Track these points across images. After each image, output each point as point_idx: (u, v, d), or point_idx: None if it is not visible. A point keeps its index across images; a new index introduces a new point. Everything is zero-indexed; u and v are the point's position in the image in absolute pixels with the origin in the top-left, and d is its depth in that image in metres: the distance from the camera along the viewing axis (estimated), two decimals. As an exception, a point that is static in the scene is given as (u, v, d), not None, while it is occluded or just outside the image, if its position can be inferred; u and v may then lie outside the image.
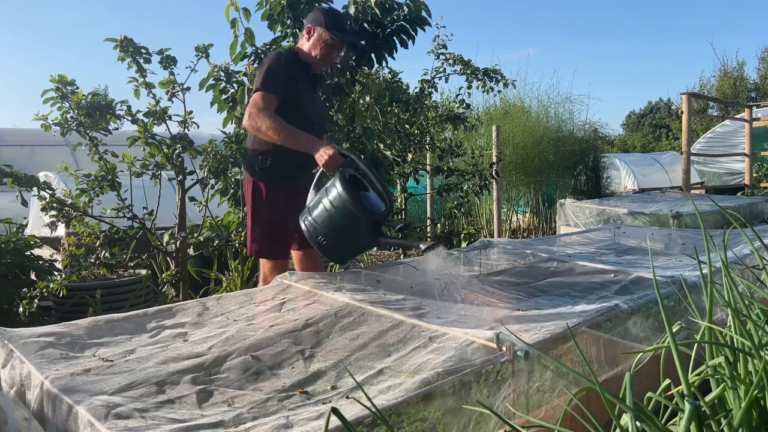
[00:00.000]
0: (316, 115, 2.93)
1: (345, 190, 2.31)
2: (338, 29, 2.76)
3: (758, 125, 10.71)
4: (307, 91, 2.87)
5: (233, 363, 1.70)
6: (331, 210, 2.34)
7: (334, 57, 2.86)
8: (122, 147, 3.96)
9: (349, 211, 2.30)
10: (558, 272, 3.06)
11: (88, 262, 4.05)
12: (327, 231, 2.37)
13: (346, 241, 2.42)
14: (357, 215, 2.30)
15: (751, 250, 2.34)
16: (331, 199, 2.34)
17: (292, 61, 2.79)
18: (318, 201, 2.40)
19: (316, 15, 2.83)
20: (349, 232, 2.36)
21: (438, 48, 5.93)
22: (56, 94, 3.79)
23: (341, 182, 2.33)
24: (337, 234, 2.37)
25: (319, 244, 2.42)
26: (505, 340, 1.70)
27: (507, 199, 9.04)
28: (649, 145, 24.56)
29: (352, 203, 2.29)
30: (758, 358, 1.13)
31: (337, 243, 2.41)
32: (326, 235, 2.38)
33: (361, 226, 2.34)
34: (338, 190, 2.33)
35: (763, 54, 21.74)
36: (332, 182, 2.38)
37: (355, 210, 2.30)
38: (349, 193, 2.31)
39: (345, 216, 2.31)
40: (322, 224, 2.37)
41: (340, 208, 2.32)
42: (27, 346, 1.71)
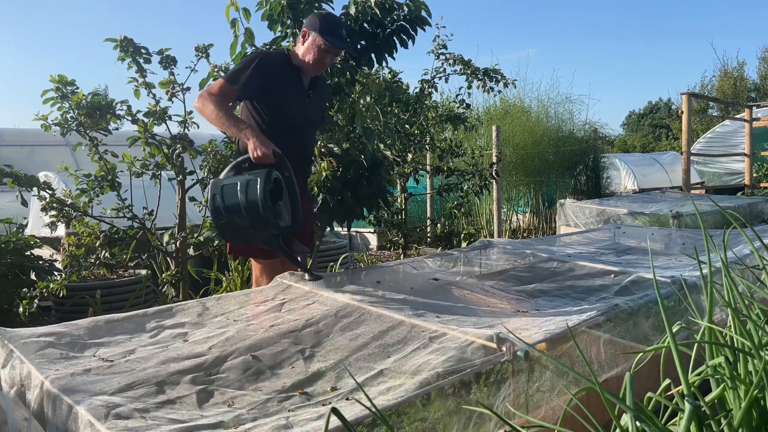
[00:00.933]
0: (305, 118, 2.92)
1: (264, 194, 2.31)
2: (332, 35, 2.76)
3: (758, 125, 10.71)
4: (296, 93, 2.85)
5: (233, 363, 1.70)
6: (243, 203, 2.34)
7: (327, 62, 2.86)
8: (122, 147, 3.96)
9: (257, 215, 2.32)
10: (558, 272, 3.06)
11: (88, 262, 4.05)
12: (230, 217, 2.39)
13: (241, 231, 2.44)
14: (263, 222, 2.33)
15: (751, 250, 2.34)
16: (249, 198, 2.33)
17: (279, 63, 2.80)
18: (234, 185, 2.39)
19: (312, 19, 2.84)
20: (248, 226, 2.38)
21: (438, 48, 5.93)
22: (56, 94, 3.78)
23: (265, 184, 2.33)
24: (237, 222, 2.39)
25: (218, 224, 2.44)
26: (505, 340, 1.70)
27: (507, 199, 9.04)
28: (649, 145, 24.56)
29: (264, 209, 2.31)
30: (758, 358, 1.13)
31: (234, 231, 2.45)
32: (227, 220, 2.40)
33: (261, 229, 2.38)
34: (259, 187, 2.33)
35: (763, 54, 21.76)
36: (258, 176, 2.37)
37: (264, 218, 2.32)
38: (266, 199, 2.31)
39: (251, 214, 2.33)
40: (228, 209, 2.37)
41: (252, 206, 2.32)
42: (27, 346, 1.71)
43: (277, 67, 2.79)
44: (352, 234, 8.17)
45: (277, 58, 2.83)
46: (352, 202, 3.27)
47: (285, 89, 2.80)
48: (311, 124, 3.05)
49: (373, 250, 8.07)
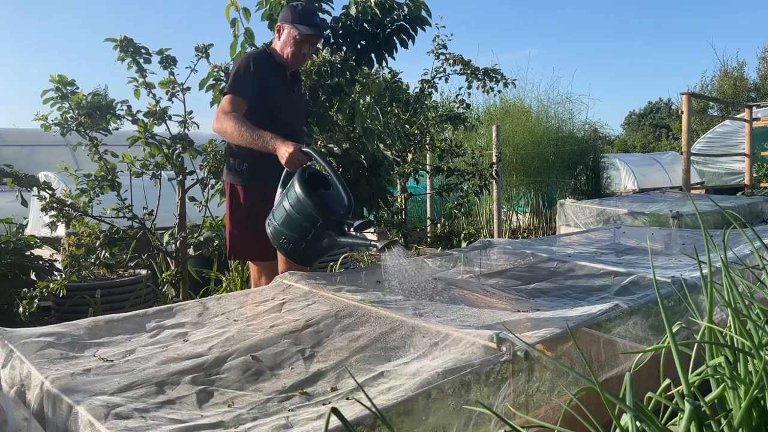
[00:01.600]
0: (293, 116, 2.90)
1: (302, 190, 2.28)
2: (305, 24, 2.71)
3: (758, 125, 10.71)
4: (283, 91, 2.83)
5: (233, 363, 1.70)
6: (291, 211, 2.30)
7: (306, 53, 2.82)
8: (122, 147, 3.96)
9: (307, 212, 2.27)
10: (558, 272, 3.06)
11: (88, 262, 4.05)
12: (288, 233, 2.33)
13: (307, 242, 2.36)
14: (315, 217, 2.26)
15: (751, 250, 2.34)
16: (291, 202, 2.30)
17: (265, 62, 2.77)
18: (279, 202, 2.38)
19: (284, 13, 2.80)
20: (310, 233, 2.31)
21: (438, 48, 5.94)
22: (56, 94, 3.78)
23: (299, 182, 2.30)
24: (298, 235, 2.32)
25: (282, 246, 2.39)
26: (505, 340, 1.70)
27: (507, 199, 9.04)
28: (649, 145, 24.55)
29: (309, 204, 2.25)
30: (758, 358, 1.13)
31: (299, 244, 2.36)
32: (287, 236, 2.34)
33: (320, 227, 2.30)
34: (296, 190, 2.29)
35: (764, 54, 21.75)
36: (292, 183, 2.34)
37: (312, 211, 2.26)
38: (306, 194, 2.27)
39: (304, 217, 2.28)
40: (283, 226, 2.34)
41: (299, 209, 2.28)
42: (27, 346, 1.71)
43: (267, 66, 2.77)
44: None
45: (264, 57, 2.81)
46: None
47: (273, 88, 2.78)
48: (299, 121, 3.04)
49: (373, 249, 8.07)
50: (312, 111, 3.47)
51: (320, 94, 3.45)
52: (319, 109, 3.50)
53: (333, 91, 3.50)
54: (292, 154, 2.40)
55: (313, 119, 3.50)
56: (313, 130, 3.45)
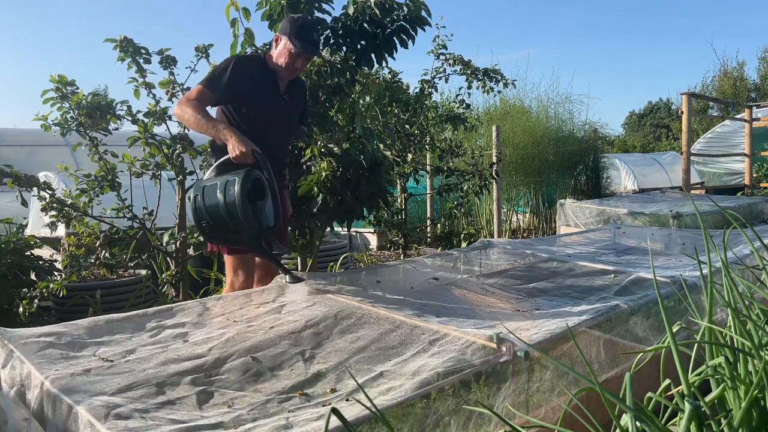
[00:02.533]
0: (281, 122, 2.93)
1: (242, 194, 2.30)
2: (301, 39, 2.76)
3: (758, 125, 10.71)
4: (271, 97, 2.86)
5: (233, 364, 1.70)
6: (223, 207, 2.33)
7: (299, 67, 2.87)
8: (122, 147, 3.96)
9: (235, 215, 2.31)
10: (558, 272, 3.06)
11: (88, 262, 4.05)
12: (212, 220, 2.38)
13: (225, 234, 2.45)
14: (243, 224, 2.31)
15: (751, 250, 2.34)
16: (228, 199, 2.32)
17: (255, 66, 2.83)
18: (214, 186, 2.38)
19: (284, 24, 2.85)
20: (230, 229, 2.37)
21: (438, 48, 5.94)
22: (56, 94, 3.78)
23: (242, 184, 2.32)
24: (219, 225, 2.38)
25: (200, 226, 2.43)
26: (505, 340, 1.70)
27: (507, 199, 9.04)
28: (649, 145, 24.54)
29: (243, 212, 2.29)
30: (758, 358, 1.13)
31: (216, 232, 2.44)
32: (210, 223, 2.39)
33: (242, 231, 2.36)
34: (236, 190, 2.31)
35: (764, 54, 21.74)
36: (236, 178, 2.35)
37: (243, 220, 2.30)
38: (243, 199, 2.30)
39: (231, 217, 2.32)
40: (209, 210, 2.37)
41: (231, 207, 2.31)
42: (27, 346, 1.71)
43: (253, 70, 2.81)
44: (352, 234, 8.17)
45: (254, 62, 2.86)
46: (352, 202, 3.26)
47: (260, 92, 2.81)
48: (287, 129, 3.05)
49: (373, 250, 8.07)
50: (312, 111, 3.47)
51: (320, 94, 3.44)
52: (319, 109, 3.50)
53: (333, 91, 3.49)
54: (244, 153, 2.46)
55: (313, 119, 3.49)
56: (313, 130, 3.44)
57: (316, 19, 3.59)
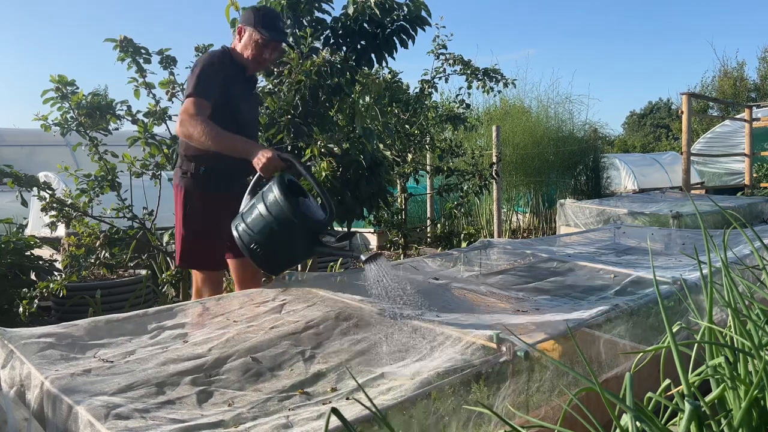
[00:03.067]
0: (250, 117, 2.84)
1: (283, 195, 2.15)
2: (267, 28, 2.64)
3: (758, 125, 10.72)
4: (242, 93, 2.77)
5: (233, 364, 1.70)
6: (267, 216, 2.17)
7: (267, 57, 2.74)
8: (122, 147, 3.96)
9: (285, 218, 2.14)
10: (558, 272, 3.06)
11: (88, 262, 4.05)
12: (260, 238, 2.20)
13: (280, 249, 2.24)
14: (294, 222, 2.14)
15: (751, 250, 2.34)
16: (268, 205, 2.18)
17: (226, 63, 2.70)
18: (252, 207, 2.24)
19: (246, 14, 2.72)
20: (285, 240, 2.19)
21: (438, 48, 5.94)
22: (56, 94, 3.78)
23: (279, 187, 2.17)
24: (271, 242, 2.20)
25: (252, 252, 2.24)
26: (505, 340, 1.70)
27: (507, 199, 9.04)
28: (649, 145, 24.55)
29: (289, 209, 2.14)
30: (758, 358, 1.13)
31: (271, 251, 2.24)
32: (259, 242, 2.20)
33: (297, 235, 2.19)
34: (275, 194, 2.16)
35: (764, 54, 21.75)
36: (269, 187, 2.22)
37: (292, 216, 2.14)
38: (287, 199, 2.15)
39: (281, 223, 2.15)
40: (255, 231, 2.20)
41: (276, 215, 2.15)
42: (27, 346, 1.71)
43: (226, 66, 2.69)
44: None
45: (223, 57, 2.72)
46: (352, 202, 3.27)
47: (233, 89, 2.69)
48: (255, 124, 2.96)
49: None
50: (312, 111, 3.47)
51: (320, 94, 3.45)
52: (319, 109, 3.50)
53: (333, 91, 3.49)
54: (271, 159, 2.29)
55: (313, 119, 3.50)
56: (313, 130, 3.44)
57: (316, 18, 3.60)
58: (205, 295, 2.65)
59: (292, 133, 3.42)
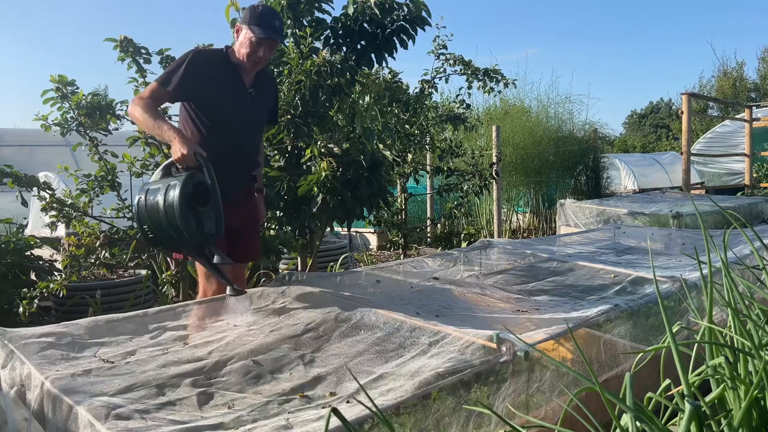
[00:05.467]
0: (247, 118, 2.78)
1: (180, 198, 2.19)
2: (262, 26, 2.61)
3: (758, 125, 10.72)
4: (235, 91, 2.72)
5: (234, 367, 1.70)
6: (161, 209, 2.23)
7: (263, 56, 2.70)
8: (122, 147, 3.96)
9: (175, 224, 2.20)
10: (558, 272, 3.06)
11: (88, 262, 4.05)
12: (152, 223, 2.28)
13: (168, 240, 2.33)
14: (180, 230, 2.21)
15: (751, 250, 2.34)
16: (167, 204, 2.22)
17: (216, 61, 2.68)
18: (156, 190, 2.29)
19: (243, 13, 2.70)
20: (171, 235, 2.27)
21: (438, 48, 5.94)
22: (56, 94, 3.78)
23: (182, 189, 2.21)
24: (160, 232, 2.28)
25: (142, 229, 2.34)
26: (505, 340, 1.70)
27: (507, 199, 9.04)
28: (649, 145, 24.54)
29: (180, 218, 2.19)
30: (758, 358, 1.13)
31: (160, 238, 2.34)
32: (151, 228, 2.29)
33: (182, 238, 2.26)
34: (175, 198, 2.20)
35: (763, 54, 21.74)
36: (175, 183, 2.25)
37: (180, 226, 2.20)
38: (181, 204, 2.19)
39: (170, 224, 2.22)
40: (150, 214, 2.27)
41: (169, 211, 2.21)
42: (27, 346, 1.71)
43: (213, 64, 2.66)
44: (352, 234, 8.18)
45: (213, 56, 2.71)
46: (352, 202, 3.27)
47: (221, 87, 2.67)
48: (254, 125, 2.90)
49: (373, 250, 8.07)
50: (312, 111, 3.47)
51: (320, 94, 3.44)
52: (319, 109, 3.50)
53: (333, 91, 3.49)
54: (185, 157, 2.32)
55: (313, 119, 3.50)
56: (313, 130, 3.44)
57: (316, 19, 3.60)
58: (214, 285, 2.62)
59: (292, 133, 3.42)
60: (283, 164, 3.48)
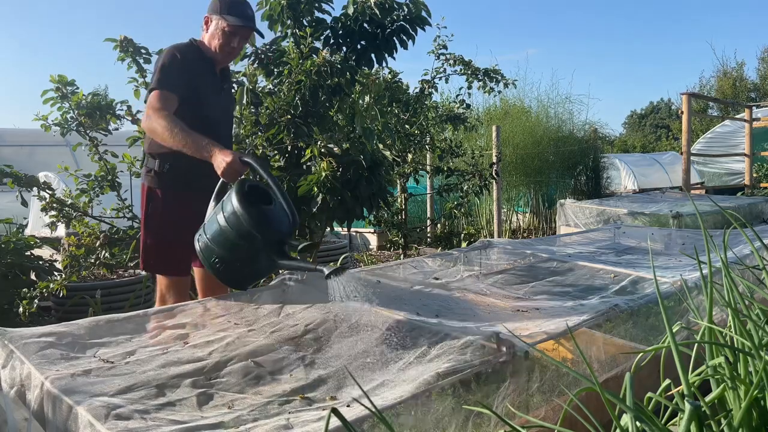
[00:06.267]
0: (222, 115, 2.68)
1: (241, 204, 2.00)
2: (234, 15, 2.49)
3: (758, 125, 10.72)
4: (212, 88, 2.60)
5: (234, 368, 1.70)
6: (226, 227, 2.02)
7: (236, 47, 2.58)
8: (122, 147, 3.96)
9: (244, 229, 1.98)
10: (558, 272, 3.06)
11: (88, 262, 4.05)
12: (221, 251, 2.05)
13: (242, 263, 2.10)
14: (254, 234, 1.99)
15: (751, 250, 2.34)
16: (227, 215, 2.02)
17: (193, 56, 2.54)
18: (213, 217, 2.09)
19: (212, 2, 2.58)
20: (246, 253, 2.05)
21: (438, 48, 5.94)
22: (56, 94, 3.79)
23: (237, 195, 2.02)
24: (232, 255, 2.05)
25: (213, 266, 2.11)
26: (505, 340, 1.70)
27: (507, 199, 9.04)
28: (649, 145, 24.54)
29: (247, 220, 1.98)
30: (758, 358, 1.13)
31: (233, 266, 2.10)
32: (221, 256, 2.06)
33: (259, 247, 2.03)
34: (234, 204, 2.01)
35: (763, 54, 21.76)
36: (228, 195, 2.07)
37: (251, 228, 1.98)
38: (245, 209, 1.99)
39: (241, 236, 2.00)
40: (215, 243, 2.05)
41: (236, 226, 2.00)
42: (27, 346, 1.71)
43: (193, 59, 2.53)
44: (352, 234, 8.18)
45: (191, 50, 2.56)
46: (352, 202, 3.27)
47: (202, 84, 2.54)
48: (228, 121, 2.81)
49: (373, 250, 8.08)
50: (312, 111, 3.47)
51: (320, 94, 3.45)
52: (319, 109, 3.50)
53: (333, 91, 3.49)
54: (231, 164, 2.13)
55: (313, 119, 3.50)
56: (313, 130, 3.44)
57: (316, 19, 3.60)
58: (169, 302, 2.47)
59: (292, 133, 3.42)
60: (283, 164, 3.48)
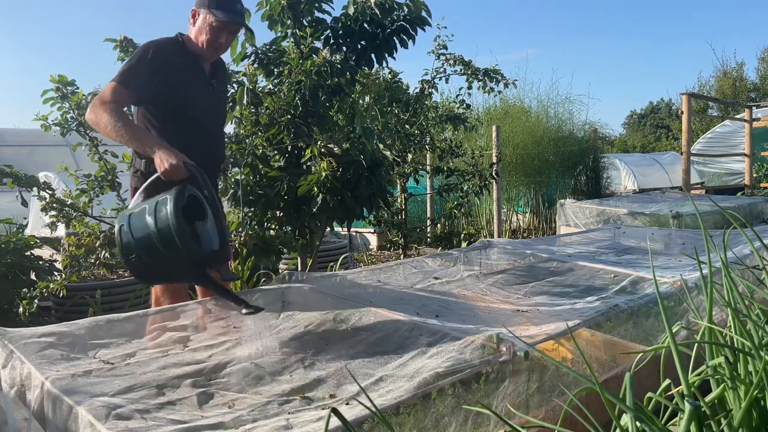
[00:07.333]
0: (212, 112, 2.60)
1: (176, 217, 1.90)
2: (222, 9, 2.41)
3: (758, 125, 10.71)
4: (197, 86, 2.51)
5: (234, 368, 1.70)
6: (153, 230, 1.92)
7: (224, 42, 2.49)
8: (122, 147, 3.92)
9: (171, 240, 1.90)
10: (558, 272, 3.06)
11: (88, 262, 4.05)
12: (143, 253, 1.96)
13: (157, 267, 2.01)
14: (181, 250, 1.91)
15: (751, 250, 2.34)
16: (159, 222, 1.93)
17: (174, 51, 2.44)
18: (142, 211, 1.98)
19: None
20: (168, 263, 1.98)
21: (438, 48, 5.94)
22: (56, 94, 3.79)
23: (176, 201, 1.93)
24: (153, 260, 1.96)
25: (128, 261, 2.01)
26: (504, 340, 1.70)
27: (507, 200, 9.04)
28: (649, 145, 24.54)
29: (179, 235, 1.89)
30: (758, 358, 1.13)
31: (149, 267, 2.02)
32: (141, 256, 1.97)
33: (182, 261, 1.97)
34: (168, 213, 1.91)
35: (763, 54, 21.74)
36: (165, 198, 1.96)
37: (179, 242, 1.90)
38: (179, 223, 1.90)
39: (165, 243, 1.91)
40: (139, 245, 1.96)
41: (164, 233, 1.91)
42: (27, 346, 1.71)
43: (173, 56, 2.43)
44: (352, 234, 8.18)
45: (171, 46, 2.46)
46: (352, 202, 3.27)
47: (184, 81, 2.45)
48: (218, 118, 2.72)
49: (373, 250, 8.07)
50: (312, 111, 3.47)
51: (320, 94, 3.45)
52: (319, 109, 3.50)
53: (333, 91, 3.49)
54: (174, 167, 2.07)
55: (313, 119, 3.50)
56: (313, 130, 3.44)
57: (316, 19, 3.60)
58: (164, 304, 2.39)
59: (292, 133, 3.42)
60: (283, 164, 3.48)
